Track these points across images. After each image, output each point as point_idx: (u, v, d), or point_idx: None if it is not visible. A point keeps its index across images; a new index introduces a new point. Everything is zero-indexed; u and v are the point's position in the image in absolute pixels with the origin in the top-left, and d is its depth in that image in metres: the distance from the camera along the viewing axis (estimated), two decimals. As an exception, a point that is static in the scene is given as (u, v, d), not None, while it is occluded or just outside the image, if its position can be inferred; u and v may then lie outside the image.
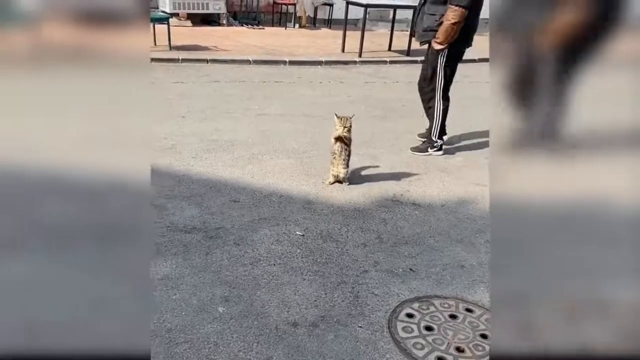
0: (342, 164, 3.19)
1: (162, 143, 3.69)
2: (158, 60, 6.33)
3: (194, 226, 2.59)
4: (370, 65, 7.22)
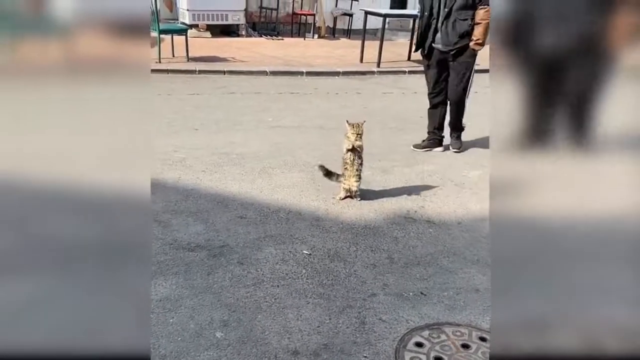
0: (354, 176, 3.07)
1: (173, 156, 3.65)
2: (175, 72, 6.36)
3: (197, 244, 2.52)
4: (389, 76, 7.11)
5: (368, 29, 7.85)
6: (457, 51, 3.77)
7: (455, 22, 3.68)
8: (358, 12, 9.11)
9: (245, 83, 6.22)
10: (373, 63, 7.43)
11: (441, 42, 3.79)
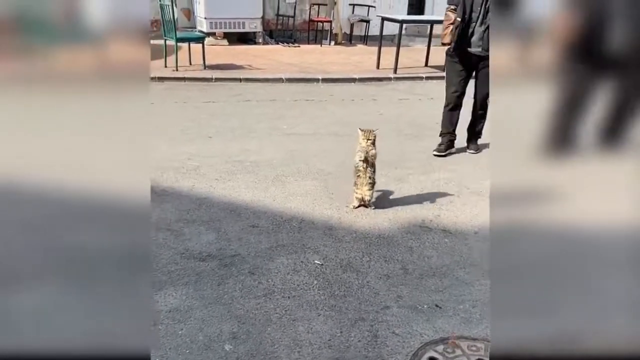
0: (367, 184, 3.02)
1: (187, 164, 3.65)
2: (192, 80, 6.40)
3: (209, 253, 2.50)
4: (405, 82, 7.04)
5: (385, 35, 7.81)
6: None
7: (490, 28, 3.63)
8: (375, 19, 9.08)
9: (261, 90, 6.23)
10: (390, 69, 7.38)
11: (480, 47, 3.76)
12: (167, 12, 6.54)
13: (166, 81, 6.27)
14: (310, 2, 9.77)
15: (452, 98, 4.05)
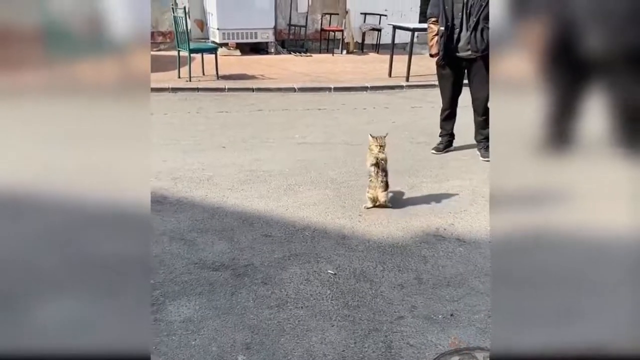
0: (380, 186, 3.12)
1: (200, 174, 3.68)
2: (204, 90, 6.46)
3: (222, 263, 2.50)
4: (417, 90, 7.03)
5: (397, 43, 7.81)
6: (484, 57, 3.83)
7: (483, 30, 3.80)
8: (386, 27, 9.10)
9: (273, 100, 6.27)
10: (402, 77, 7.38)
11: (468, 50, 3.89)
12: (180, 24, 6.64)
13: (179, 92, 6.34)
14: (321, 12, 9.84)
15: (447, 104, 4.27)
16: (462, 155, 4.29)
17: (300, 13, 9.69)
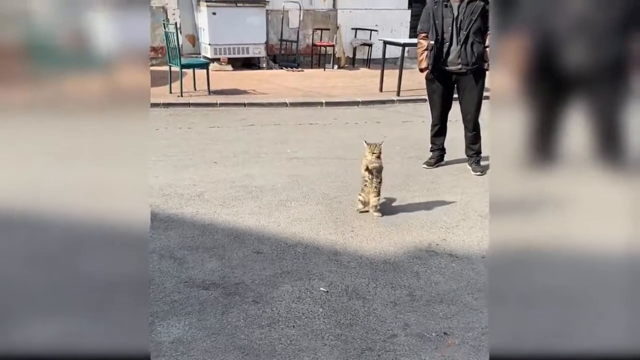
0: (373, 192, 3.23)
1: (191, 190, 3.65)
2: (196, 105, 6.45)
3: (212, 281, 2.47)
4: (408, 104, 7.07)
5: (388, 58, 7.87)
6: (474, 71, 3.92)
7: (473, 44, 3.86)
8: (377, 42, 9.18)
9: (265, 115, 6.27)
10: (393, 92, 7.42)
11: (459, 63, 3.92)
12: (172, 40, 6.64)
13: (171, 107, 6.32)
14: (313, 27, 9.91)
15: (437, 119, 4.29)
16: (454, 170, 4.30)
17: (291, 28, 9.77)
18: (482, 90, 4.05)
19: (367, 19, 10.15)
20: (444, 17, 3.88)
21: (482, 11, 3.79)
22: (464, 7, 3.82)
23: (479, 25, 3.82)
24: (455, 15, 3.85)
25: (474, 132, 4.17)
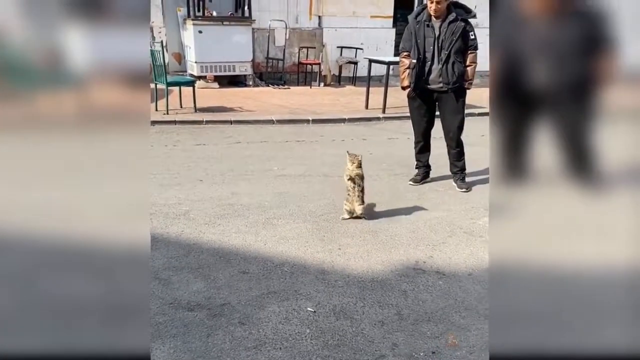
0: (357, 200, 3.42)
1: (176, 209, 3.61)
2: (182, 123, 6.43)
3: (198, 302, 2.43)
4: (394, 121, 7.13)
5: (373, 75, 7.96)
6: (455, 90, 4.00)
7: (454, 64, 3.93)
8: (363, 60, 9.29)
9: (252, 132, 6.27)
10: (378, 109, 7.49)
11: (440, 82, 3.99)
12: (158, 58, 6.64)
13: (157, 125, 6.28)
14: (299, 46, 10.01)
15: (420, 136, 4.34)
16: (439, 187, 4.33)
17: (278, 46, 9.85)
18: (464, 108, 4.13)
19: (353, 38, 10.30)
20: (425, 37, 3.95)
21: (462, 31, 3.87)
22: (445, 27, 3.89)
23: (460, 44, 3.89)
24: (437, 35, 3.92)
25: (458, 149, 4.21)
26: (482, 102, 8.00)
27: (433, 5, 3.84)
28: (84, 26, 1.37)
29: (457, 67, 3.93)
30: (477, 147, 5.68)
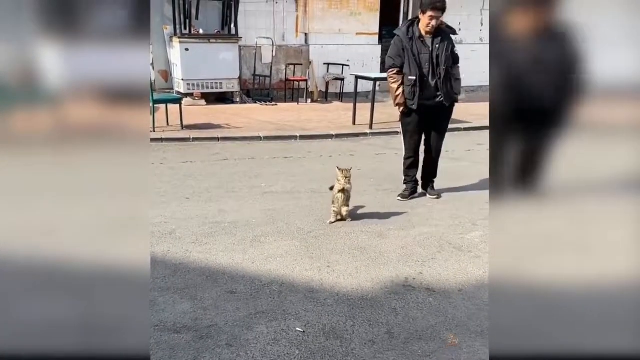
0: (344, 205, 3.73)
1: (162, 228, 3.55)
2: (169, 140, 6.38)
3: (184, 324, 2.37)
4: (381, 137, 7.16)
5: (360, 91, 8.01)
6: (451, 103, 4.10)
7: (450, 79, 4.01)
8: (349, 77, 9.36)
9: (239, 149, 6.24)
10: (365, 125, 7.52)
11: (441, 97, 4.02)
12: (144, 75, 6.61)
13: (143, 142, 6.23)
14: (286, 62, 10.05)
15: (411, 151, 4.34)
16: (428, 202, 4.33)
17: (264, 64, 9.88)
18: (448, 123, 4.27)
19: (339, 54, 10.38)
20: (419, 53, 3.93)
21: (452, 47, 3.99)
22: (438, 42, 3.91)
23: (451, 59, 3.99)
24: (431, 50, 3.92)
25: (437, 158, 4.37)
26: (468, 117, 8.10)
27: (433, 22, 3.83)
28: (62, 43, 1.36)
29: (452, 81, 4.03)
30: (463, 162, 5.74)
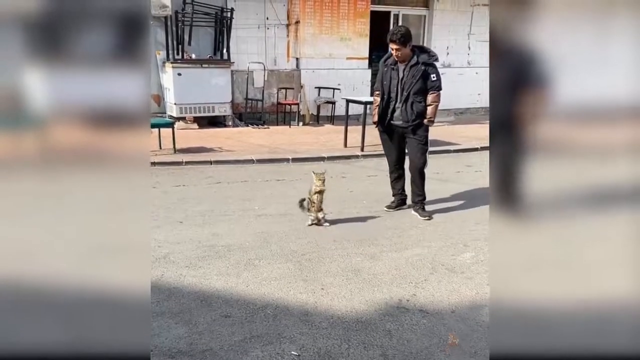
0: (319, 209, 4.17)
1: (156, 252, 3.55)
2: (162, 164, 6.40)
3: (179, 349, 2.37)
4: (373, 159, 7.23)
5: (351, 114, 8.12)
6: (415, 126, 4.36)
7: (413, 104, 4.32)
8: (340, 100, 9.49)
9: (232, 172, 6.27)
10: (357, 147, 7.60)
11: (401, 119, 4.40)
12: (137, 100, 6.66)
13: (135, 166, 6.24)
14: (277, 86, 10.19)
15: (392, 165, 4.76)
16: (419, 223, 4.38)
17: (256, 87, 10.00)
18: (426, 143, 4.45)
19: (330, 78, 10.54)
20: (391, 79, 4.40)
21: (423, 74, 4.26)
22: (407, 70, 4.30)
23: (421, 86, 4.28)
24: (400, 77, 4.34)
25: (420, 179, 4.51)
26: (457, 139, 8.22)
27: (394, 52, 4.28)
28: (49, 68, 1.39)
29: (415, 106, 4.30)
30: (453, 183, 5.81)
